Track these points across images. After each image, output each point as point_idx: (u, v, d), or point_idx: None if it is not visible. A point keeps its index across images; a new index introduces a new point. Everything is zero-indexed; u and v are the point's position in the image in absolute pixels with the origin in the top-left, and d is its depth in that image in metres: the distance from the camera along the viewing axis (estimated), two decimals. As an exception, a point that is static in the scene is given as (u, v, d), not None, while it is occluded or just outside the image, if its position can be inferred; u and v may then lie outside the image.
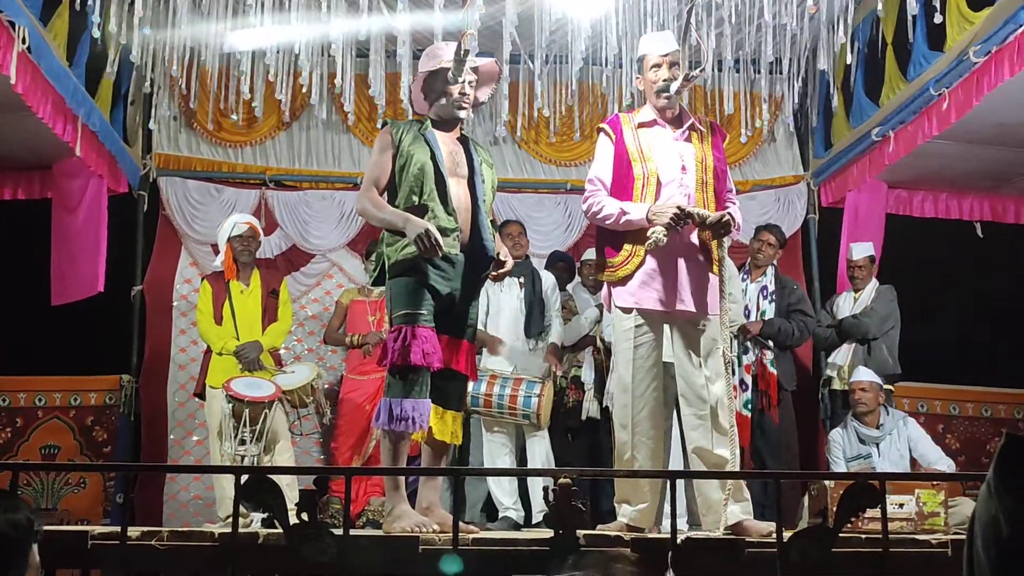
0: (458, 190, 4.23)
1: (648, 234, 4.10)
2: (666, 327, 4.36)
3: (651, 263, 4.26)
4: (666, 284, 4.27)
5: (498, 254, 4.35)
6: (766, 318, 6.50)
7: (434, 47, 4.49)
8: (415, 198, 4.16)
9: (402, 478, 4.27)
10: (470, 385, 5.84)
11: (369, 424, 6.42)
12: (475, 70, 4.36)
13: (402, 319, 4.08)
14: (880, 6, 6.35)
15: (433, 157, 4.19)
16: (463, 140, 4.40)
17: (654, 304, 4.27)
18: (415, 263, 4.10)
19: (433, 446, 4.30)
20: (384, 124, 4.41)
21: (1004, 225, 7.96)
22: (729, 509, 4.13)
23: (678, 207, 4.12)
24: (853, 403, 6.19)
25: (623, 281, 4.32)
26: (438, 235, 3.97)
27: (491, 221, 4.38)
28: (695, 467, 4.35)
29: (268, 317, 6.21)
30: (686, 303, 4.27)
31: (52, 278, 6.93)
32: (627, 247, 4.30)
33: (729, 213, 4.28)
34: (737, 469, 4.34)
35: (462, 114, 4.34)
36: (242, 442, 5.65)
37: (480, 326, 5.86)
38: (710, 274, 4.33)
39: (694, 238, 4.33)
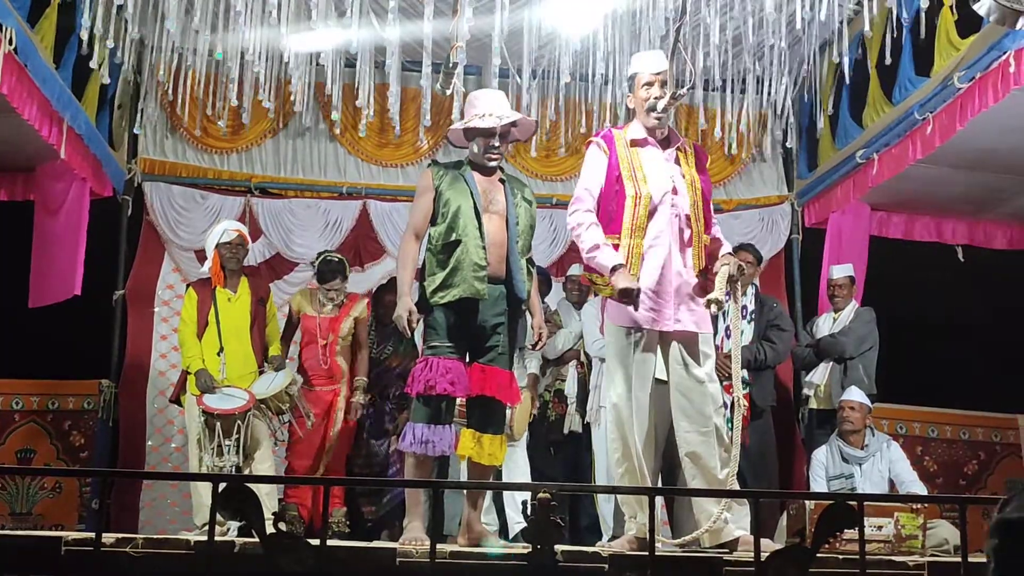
0: (491, 227, 4.50)
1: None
2: (659, 346, 4.38)
3: (646, 283, 4.27)
4: (662, 304, 4.30)
5: (538, 338, 4.80)
6: (742, 340, 6.43)
7: (473, 97, 4.74)
8: (453, 234, 4.45)
9: (421, 496, 4.69)
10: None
11: (327, 434, 6.42)
12: (514, 125, 4.67)
13: (431, 351, 4.45)
14: (867, 27, 6.40)
15: (471, 196, 4.49)
16: (502, 180, 4.67)
17: (651, 324, 4.30)
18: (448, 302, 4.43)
19: (472, 468, 4.65)
20: (429, 164, 4.74)
21: (985, 250, 8.02)
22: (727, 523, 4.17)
23: (636, 290, 4.16)
24: (840, 421, 6.20)
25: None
26: (413, 324, 4.44)
27: (528, 260, 4.66)
28: (688, 475, 4.37)
29: (258, 325, 6.19)
30: (682, 322, 4.30)
31: (31, 280, 6.89)
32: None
33: (729, 254, 4.35)
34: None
35: (491, 165, 4.63)
36: (221, 452, 5.63)
37: None
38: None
39: (689, 258, 4.36)
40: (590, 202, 4.39)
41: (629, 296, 4.13)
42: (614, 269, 4.19)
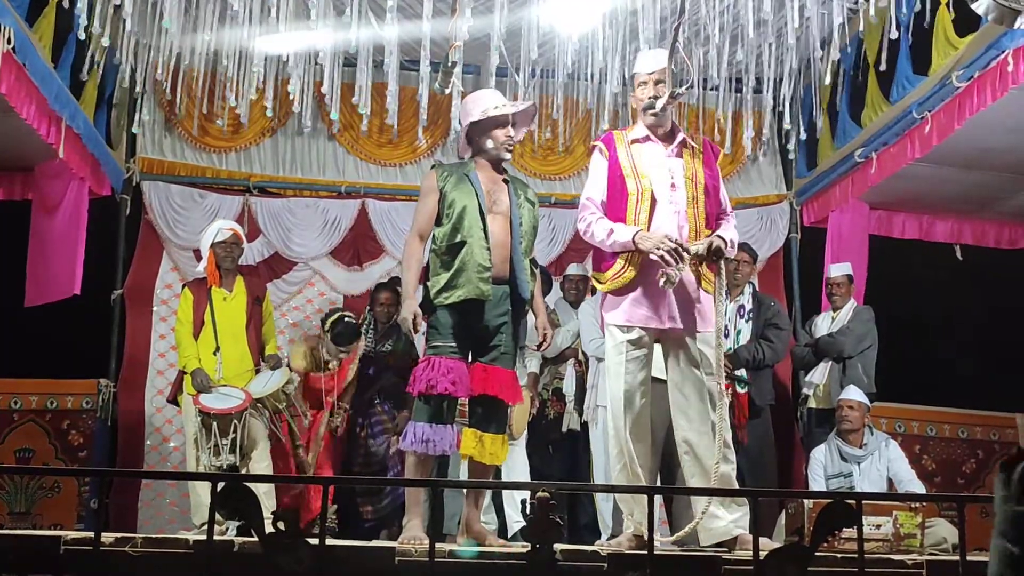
0: (495, 227, 4.51)
1: (658, 277, 4.15)
2: (657, 345, 4.40)
3: (643, 281, 4.28)
4: (658, 303, 4.29)
5: (542, 339, 4.70)
6: (740, 339, 6.42)
7: (475, 96, 4.75)
8: (458, 235, 4.47)
9: (421, 495, 4.69)
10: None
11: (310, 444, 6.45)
12: (515, 115, 4.67)
13: (433, 351, 4.46)
14: (862, 27, 6.40)
15: (476, 197, 4.51)
16: (506, 181, 4.68)
17: (646, 322, 4.30)
18: (452, 303, 4.44)
19: (473, 467, 4.65)
20: (433, 166, 4.75)
21: (983, 248, 8.02)
22: (724, 521, 4.18)
23: (667, 236, 4.14)
24: (839, 420, 6.20)
25: (615, 294, 4.34)
26: (418, 326, 4.43)
27: (532, 260, 4.66)
28: (687, 473, 4.37)
29: (254, 324, 6.18)
30: (677, 321, 4.30)
31: (27, 279, 6.88)
32: (620, 263, 4.33)
33: (718, 235, 4.31)
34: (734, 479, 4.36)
35: (507, 156, 4.67)
36: (217, 452, 5.64)
37: None
38: (701, 292, 4.36)
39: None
40: (593, 208, 4.42)
41: (665, 245, 4.11)
42: (635, 239, 4.20)
